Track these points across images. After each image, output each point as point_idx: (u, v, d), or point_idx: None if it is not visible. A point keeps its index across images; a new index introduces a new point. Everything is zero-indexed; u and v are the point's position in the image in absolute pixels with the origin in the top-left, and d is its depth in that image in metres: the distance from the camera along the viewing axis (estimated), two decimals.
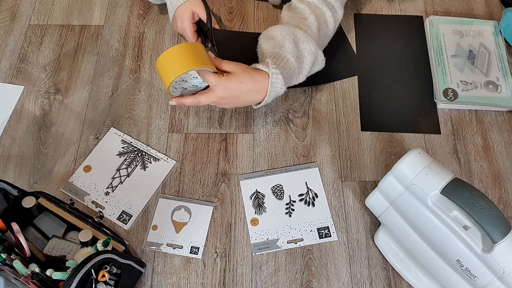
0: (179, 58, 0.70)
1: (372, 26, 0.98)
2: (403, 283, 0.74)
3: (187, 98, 0.76)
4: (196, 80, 0.76)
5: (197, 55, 0.71)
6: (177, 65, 0.70)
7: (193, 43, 0.73)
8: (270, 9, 1.00)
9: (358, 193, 0.81)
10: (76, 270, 0.58)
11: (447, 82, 0.89)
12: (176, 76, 0.70)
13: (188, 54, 0.71)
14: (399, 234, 0.71)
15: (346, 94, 0.90)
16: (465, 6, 1.01)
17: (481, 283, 0.62)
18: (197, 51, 0.72)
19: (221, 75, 0.74)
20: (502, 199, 0.80)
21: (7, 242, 0.64)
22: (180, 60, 0.70)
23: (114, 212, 0.79)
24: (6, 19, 1.00)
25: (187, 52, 0.71)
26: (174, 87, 0.74)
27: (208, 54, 0.74)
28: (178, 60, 0.70)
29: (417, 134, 0.86)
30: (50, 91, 0.91)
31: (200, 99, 0.75)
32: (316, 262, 0.76)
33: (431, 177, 0.64)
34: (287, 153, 0.85)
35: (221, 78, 0.73)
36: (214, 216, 0.79)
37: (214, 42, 0.90)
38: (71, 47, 0.96)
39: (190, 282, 0.74)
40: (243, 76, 0.74)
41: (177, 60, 0.70)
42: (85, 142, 0.86)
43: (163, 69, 0.71)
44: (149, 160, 0.84)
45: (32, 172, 0.83)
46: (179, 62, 0.70)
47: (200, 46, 0.73)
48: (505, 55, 0.92)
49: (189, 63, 0.70)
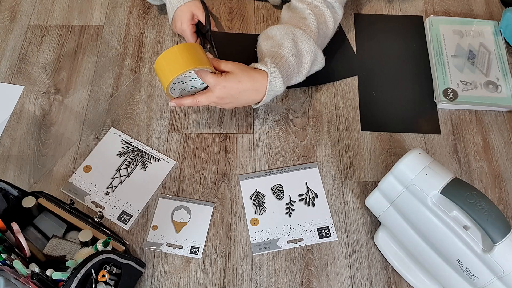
0: (177, 59, 0.70)
1: (372, 26, 0.98)
2: (403, 283, 0.74)
3: (186, 99, 0.76)
4: (195, 81, 0.76)
5: (195, 55, 0.71)
6: (175, 66, 0.70)
7: (191, 44, 0.73)
8: (270, 9, 1.00)
9: (358, 193, 0.81)
10: (76, 270, 0.58)
11: (447, 82, 0.89)
12: (175, 77, 0.69)
13: (186, 55, 0.70)
14: (399, 234, 0.71)
15: (346, 94, 0.90)
16: (465, 6, 1.01)
17: (481, 283, 0.62)
18: (195, 52, 0.72)
19: (220, 75, 0.74)
20: (502, 199, 0.80)
21: (7, 242, 0.64)
22: (178, 60, 0.70)
23: (114, 212, 0.79)
24: (6, 19, 1.00)
25: (185, 52, 0.71)
26: (173, 88, 0.74)
27: (207, 54, 0.74)
28: (176, 61, 0.70)
29: (417, 134, 0.86)
30: (50, 91, 0.91)
31: (199, 100, 0.75)
32: (316, 262, 0.76)
33: (431, 177, 0.64)
34: (287, 153, 0.85)
35: (220, 78, 0.73)
36: (214, 216, 0.79)
37: (213, 44, 0.90)
38: (71, 47, 0.96)
39: (190, 282, 0.74)
40: (241, 76, 0.74)
41: (175, 60, 0.70)
42: (85, 142, 0.86)
43: (162, 70, 0.71)
44: (149, 160, 0.84)
45: (32, 172, 0.83)
46: (177, 63, 0.70)
47: (198, 46, 0.73)
48: (505, 55, 0.92)
49: (187, 63, 0.70)
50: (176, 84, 0.74)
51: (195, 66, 0.70)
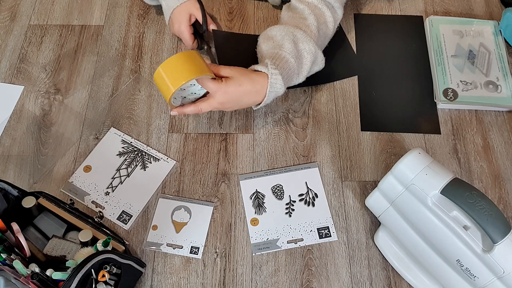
0: (178, 69, 0.70)
1: (372, 26, 0.98)
2: (403, 283, 0.74)
3: (188, 107, 0.76)
4: (195, 87, 0.76)
5: (195, 64, 0.71)
6: (177, 77, 0.69)
7: (189, 52, 0.72)
8: (270, 9, 1.00)
9: (358, 193, 0.81)
10: (76, 270, 0.58)
11: (447, 82, 0.89)
12: (178, 88, 0.69)
13: (186, 64, 0.70)
14: (399, 234, 0.71)
15: (346, 94, 0.90)
16: (465, 6, 1.01)
17: (481, 283, 0.62)
18: (195, 60, 0.71)
19: (220, 80, 0.74)
20: (502, 199, 0.80)
21: (7, 242, 0.64)
22: (179, 70, 0.70)
23: (114, 212, 0.79)
24: (6, 19, 1.00)
25: (185, 61, 0.70)
26: (174, 97, 0.74)
27: (204, 59, 0.74)
28: (177, 71, 0.70)
29: (417, 134, 0.86)
30: (50, 91, 0.91)
31: (201, 107, 0.75)
32: (316, 262, 0.76)
33: (431, 177, 0.64)
34: (287, 153, 0.85)
35: (221, 84, 0.73)
36: (214, 216, 0.79)
37: (210, 45, 0.89)
38: (71, 47, 0.96)
39: (190, 282, 0.74)
40: (242, 79, 0.74)
41: (176, 70, 0.70)
42: (85, 142, 0.86)
43: (162, 82, 0.71)
44: (149, 160, 0.84)
45: (32, 172, 0.83)
46: (178, 73, 0.69)
47: (196, 54, 0.73)
48: (505, 55, 0.92)
49: (189, 72, 0.69)
50: (177, 93, 0.74)
51: (197, 75, 0.70)
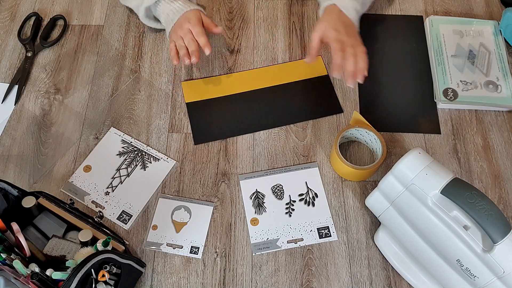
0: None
1: (372, 26, 0.98)
2: (403, 283, 0.74)
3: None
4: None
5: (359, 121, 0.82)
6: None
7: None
8: (270, 9, 1.00)
9: (358, 193, 0.81)
10: (76, 270, 0.58)
11: (447, 82, 0.89)
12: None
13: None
14: (399, 234, 0.71)
15: (346, 94, 0.90)
16: (465, 6, 1.01)
17: (481, 283, 0.62)
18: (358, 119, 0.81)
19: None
20: (502, 199, 0.80)
21: (7, 242, 0.64)
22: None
23: (114, 212, 0.79)
24: (6, 19, 1.00)
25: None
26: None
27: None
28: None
29: (417, 134, 0.86)
30: (50, 91, 0.91)
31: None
32: (316, 262, 0.76)
33: (431, 177, 0.64)
34: (287, 153, 0.85)
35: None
36: (214, 216, 0.79)
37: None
38: (71, 47, 0.96)
39: (190, 282, 0.74)
40: (334, 26, 0.81)
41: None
42: (85, 142, 0.86)
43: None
44: (149, 160, 0.84)
45: (32, 172, 0.83)
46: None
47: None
48: (505, 55, 0.92)
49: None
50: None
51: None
